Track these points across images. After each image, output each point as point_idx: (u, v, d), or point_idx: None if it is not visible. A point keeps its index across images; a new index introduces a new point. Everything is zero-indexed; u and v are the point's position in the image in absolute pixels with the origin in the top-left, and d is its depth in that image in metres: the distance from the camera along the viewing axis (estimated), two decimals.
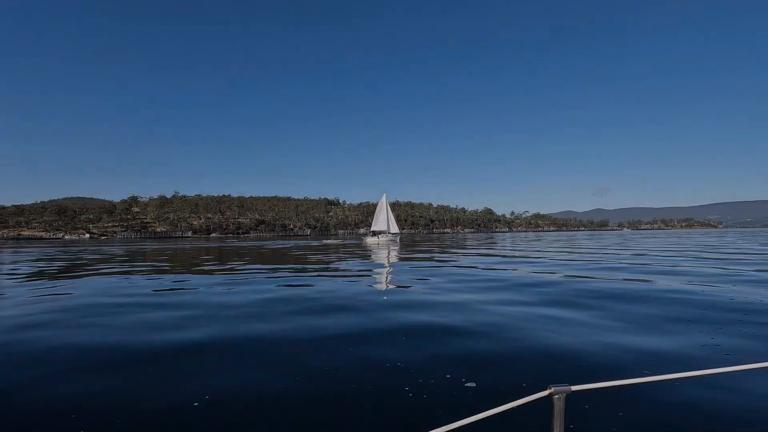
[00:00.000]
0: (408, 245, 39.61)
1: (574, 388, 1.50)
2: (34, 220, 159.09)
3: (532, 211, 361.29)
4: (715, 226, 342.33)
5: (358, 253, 25.77)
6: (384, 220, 57.03)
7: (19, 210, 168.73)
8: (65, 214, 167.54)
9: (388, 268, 15.79)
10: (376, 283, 11.58)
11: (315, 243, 49.59)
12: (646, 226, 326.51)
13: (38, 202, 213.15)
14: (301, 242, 54.60)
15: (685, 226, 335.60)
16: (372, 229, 57.31)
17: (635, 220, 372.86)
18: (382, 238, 53.33)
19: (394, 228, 57.16)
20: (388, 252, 22.66)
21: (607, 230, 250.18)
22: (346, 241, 55.78)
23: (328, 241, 54.97)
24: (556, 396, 1.46)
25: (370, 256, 23.84)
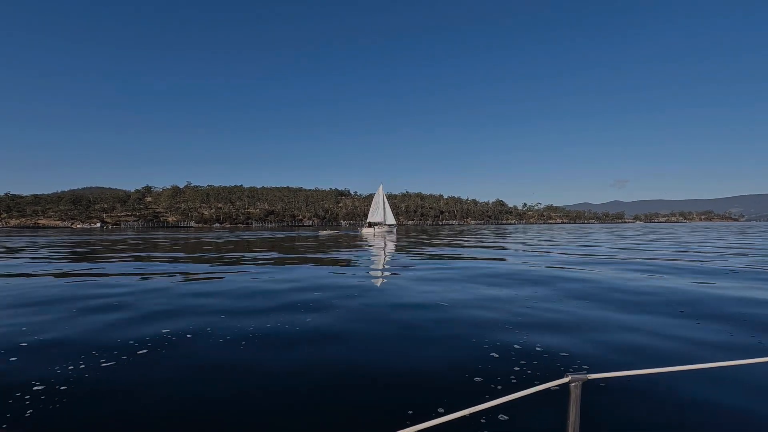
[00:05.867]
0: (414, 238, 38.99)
1: (591, 376, 1.52)
2: (51, 209, 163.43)
3: (546, 202, 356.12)
4: (736, 219, 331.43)
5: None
6: (380, 211, 56.48)
7: (37, 199, 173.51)
8: (80, 203, 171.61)
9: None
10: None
11: (281, 234, 49.36)
12: (663, 219, 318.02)
13: (58, 191, 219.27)
14: (291, 233, 54.46)
15: (704, 219, 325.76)
16: (368, 221, 56.88)
17: (652, 213, 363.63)
18: (378, 230, 52.90)
19: (391, 219, 56.58)
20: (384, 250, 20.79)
21: (621, 223, 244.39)
22: (341, 232, 55.50)
23: (323, 232, 54.76)
24: (573, 384, 1.48)
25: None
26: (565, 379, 1.49)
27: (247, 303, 7.06)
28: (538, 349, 4.39)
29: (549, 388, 1.51)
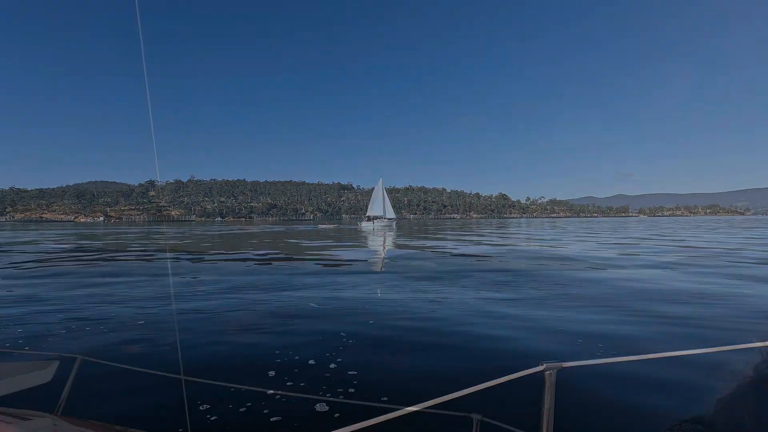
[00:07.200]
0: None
1: (566, 364, 1.56)
2: (55, 203, 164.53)
3: (550, 196, 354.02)
4: (742, 213, 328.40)
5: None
6: (380, 205, 56.37)
7: (41, 193, 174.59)
8: (84, 197, 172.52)
9: None
10: None
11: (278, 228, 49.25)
12: (668, 213, 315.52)
13: (63, 185, 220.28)
14: (281, 227, 54.40)
15: (709, 212, 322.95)
16: (368, 215, 56.81)
17: (657, 207, 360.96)
18: (378, 224, 52.84)
19: (390, 213, 56.49)
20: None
21: (624, 217, 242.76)
22: (341, 226, 55.46)
23: (322, 227, 54.78)
24: (548, 372, 1.52)
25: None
26: (540, 368, 1.51)
27: None
28: None
29: (523, 377, 1.53)
